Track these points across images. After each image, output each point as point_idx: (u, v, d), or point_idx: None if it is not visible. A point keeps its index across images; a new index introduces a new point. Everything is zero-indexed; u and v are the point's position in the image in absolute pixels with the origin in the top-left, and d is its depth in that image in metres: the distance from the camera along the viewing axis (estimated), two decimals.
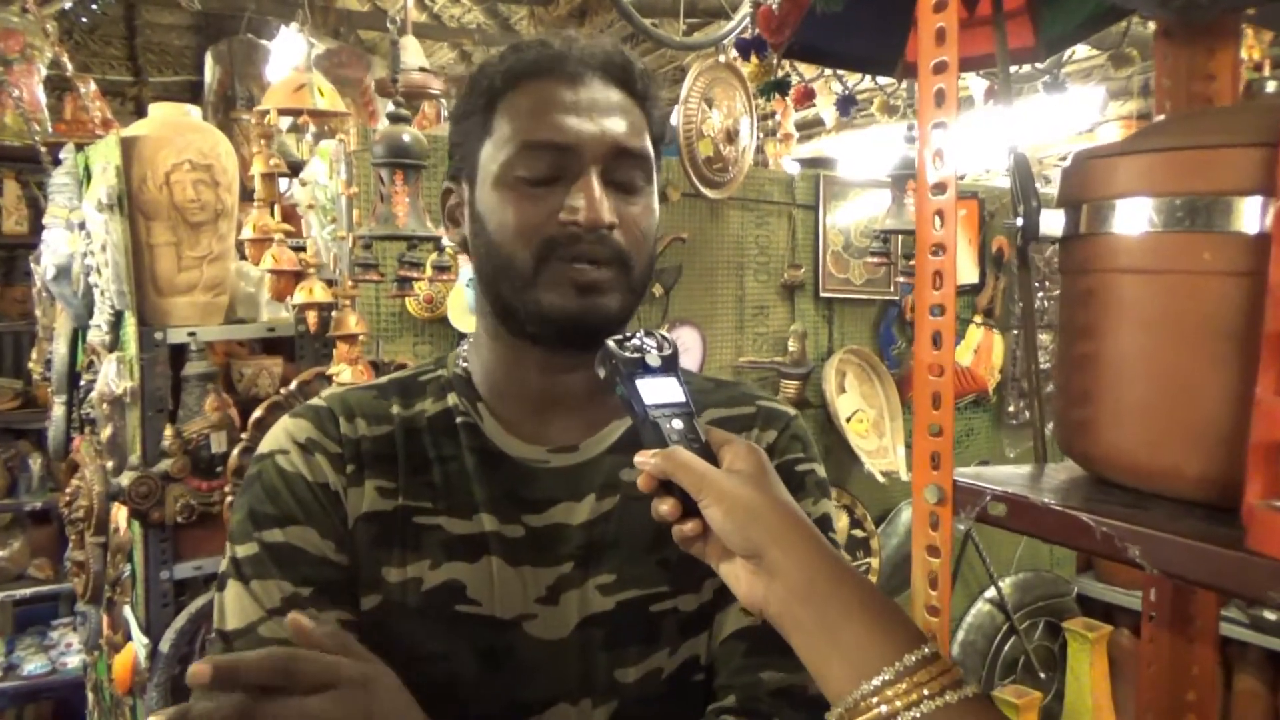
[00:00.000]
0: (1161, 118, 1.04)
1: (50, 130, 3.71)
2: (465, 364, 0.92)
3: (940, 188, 0.80)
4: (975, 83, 2.19)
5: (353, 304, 1.68)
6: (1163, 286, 0.74)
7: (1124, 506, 0.72)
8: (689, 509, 0.68)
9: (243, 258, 2.11)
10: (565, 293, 0.80)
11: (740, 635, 0.84)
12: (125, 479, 1.97)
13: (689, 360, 2.27)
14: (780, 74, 1.27)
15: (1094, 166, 0.81)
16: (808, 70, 1.66)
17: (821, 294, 2.50)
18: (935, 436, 0.80)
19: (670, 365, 0.74)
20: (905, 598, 2.79)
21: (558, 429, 0.88)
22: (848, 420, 2.45)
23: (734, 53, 2.15)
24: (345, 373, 1.73)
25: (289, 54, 4.29)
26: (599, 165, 0.80)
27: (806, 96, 1.56)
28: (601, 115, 0.81)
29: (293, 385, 1.85)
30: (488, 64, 0.85)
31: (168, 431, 2.01)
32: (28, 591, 3.82)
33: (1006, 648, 2.77)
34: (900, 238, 2.29)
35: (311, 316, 1.63)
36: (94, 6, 5.55)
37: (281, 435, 0.85)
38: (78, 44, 5.53)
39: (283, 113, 1.66)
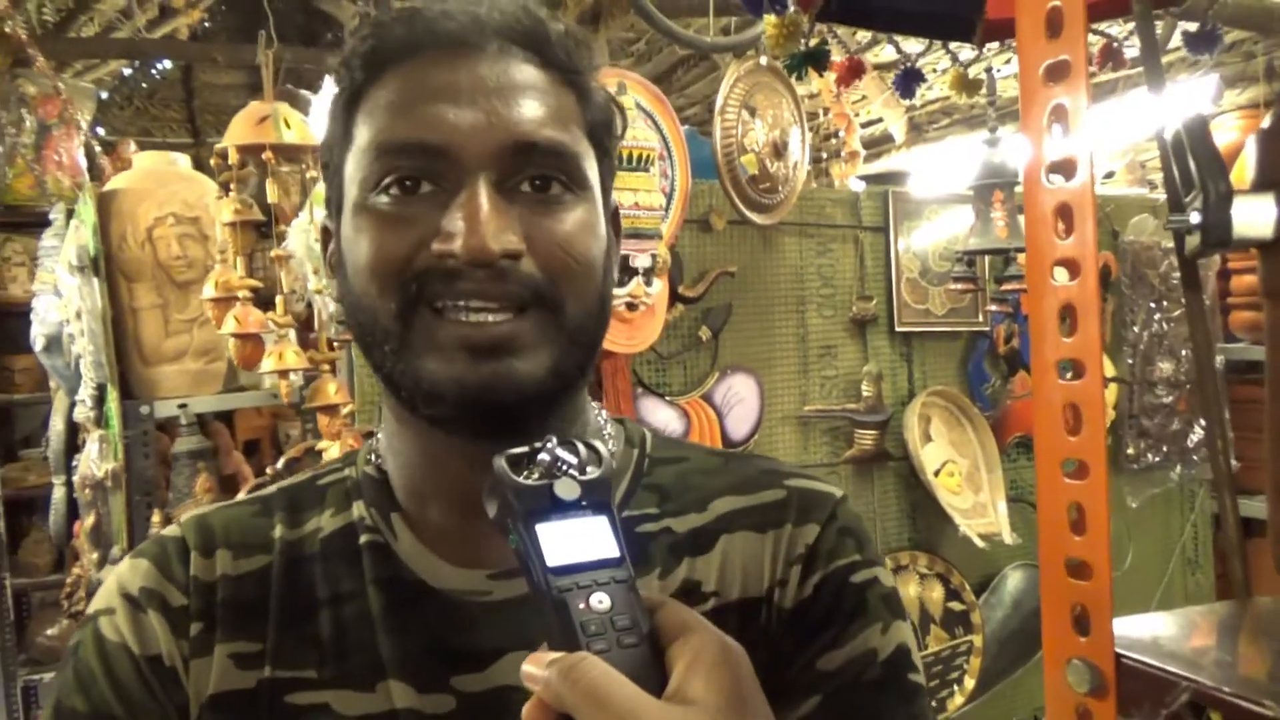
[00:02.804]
0: None
1: None
2: (378, 459, 0.67)
3: (1064, 168, 0.49)
4: None
5: (333, 369, 1.43)
6: None
7: None
8: None
9: None
10: (449, 355, 0.55)
11: None
12: (107, 575, 1.75)
13: (744, 413, 1.95)
14: (814, 42, 0.97)
15: None
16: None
17: (897, 328, 2.18)
18: (1078, 579, 0.48)
19: (597, 495, 0.45)
20: (1016, 679, 2.32)
21: (498, 544, 0.61)
22: (936, 474, 2.10)
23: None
24: (332, 449, 1.48)
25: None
26: (490, 170, 0.55)
27: (853, 72, 1.22)
28: (493, 98, 0.56)
29: (279, 464, 1.61)
30: (347, 48, 0.61)
31: (155, 518, 1.79)
32: None
33: None
34: (988, 259, 1.98)
35: (284, 386, 1.39)
36: (153, 71, 5.61)
37: (111, 587, 0.63)
38: (139, 109, 5.56)
39: (243, 150, 1.45)
